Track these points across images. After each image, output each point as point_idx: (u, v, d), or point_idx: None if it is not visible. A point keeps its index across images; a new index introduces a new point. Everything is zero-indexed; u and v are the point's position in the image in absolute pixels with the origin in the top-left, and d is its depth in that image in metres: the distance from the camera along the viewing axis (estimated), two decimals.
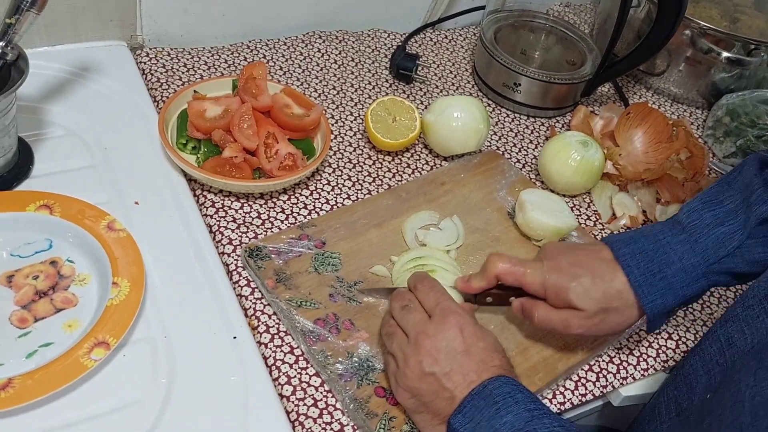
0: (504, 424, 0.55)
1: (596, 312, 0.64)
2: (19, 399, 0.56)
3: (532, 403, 0.56)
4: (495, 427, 0.55)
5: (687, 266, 0.64)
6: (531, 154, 0.97)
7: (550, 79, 0.98)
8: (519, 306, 0.68)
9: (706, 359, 0.63)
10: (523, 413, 0.55)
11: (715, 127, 1.06)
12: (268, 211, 0.79)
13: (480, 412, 0.56)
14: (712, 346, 0.62)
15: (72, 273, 0.67)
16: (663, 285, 0.64)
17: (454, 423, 0.57)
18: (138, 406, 0.60)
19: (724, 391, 0.56)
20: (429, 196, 0.83)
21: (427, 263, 0.73)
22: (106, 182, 0.76)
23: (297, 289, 0.70)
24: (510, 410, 0.55)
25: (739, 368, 0.57)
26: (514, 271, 0.66)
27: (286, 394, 0.64)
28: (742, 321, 0.60)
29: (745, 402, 0.51)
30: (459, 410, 0.57)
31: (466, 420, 0.56)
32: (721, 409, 0.54)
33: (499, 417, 0.55)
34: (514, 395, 0.56)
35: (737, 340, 0.60)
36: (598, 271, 0.65)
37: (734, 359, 0.59)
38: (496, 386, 0.57)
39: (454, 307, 0.62)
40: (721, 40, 1.04)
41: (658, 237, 0.66)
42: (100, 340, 0.61)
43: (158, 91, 0.89)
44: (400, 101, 0.89)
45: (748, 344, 0.58)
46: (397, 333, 0.62)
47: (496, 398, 0.56)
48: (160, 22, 0.94)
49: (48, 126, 0.80)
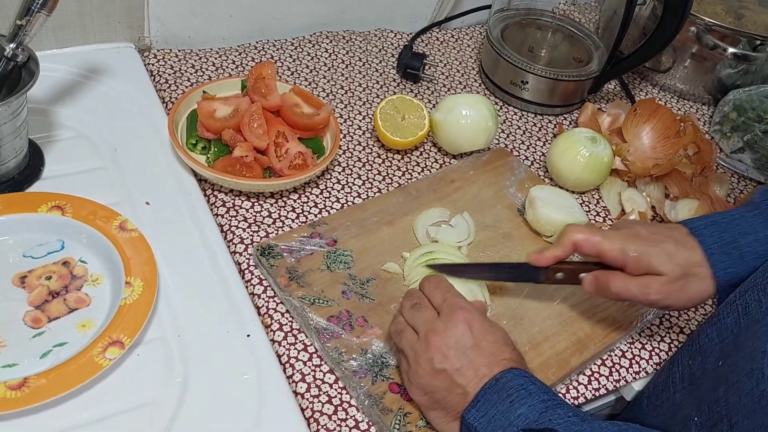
0: (519, 417, 0.55)
1: (678, 277, 0.64)
2: (34, 399, 0.56)
3: (545, 394, 0.56)
4: (510, 419, 0.55)
5: (761, 238, 0.65)
6: (539, 151, 0.97)
7: (557, 77, 0.99)
8: (592, 279, 0.67)
9: (722, 328, 0.62)
10: (537, 404, 0.55)
11: (722, 123, 1.06)
12: (278, 210, 0.79)
13: (494, 405, 0.56)
14: (728, 315, 0.62)
15: (85, 273, 0.67)
16: (736, 254, 0.64)
17: (468, 417, 0.57)
18: (152, 405, 0.60)
19: (737, 358, 0.56)
20: (439, 193, 0.83)
21: (438, 257, 0.74)
22: (116, 183, 0.76)
23: (309, 286, 0.70)
24: (524, 402, 0.55)
25: (752, 335, 0.57)
26: (592, 240, 0.66)
27: (300, 392, 0.64)
28: (760, 290, 0.60)
29: (764, 369, 0.51)
30: (473, 405, 0.57)
31: (480, 414, 0.56)
32: (737, 377, 0.54)
33: (513, 410, 0.55)
34: (527, 387, 0.56)
35: (753, 309, 0.59)
36: (679, 240, 0.65)
37: (748, 326, 0.59)
38: (508, 379, 0.57)
39: (462, 303, 0.62)
40: (726, 35, 1.04)
41: (733, 213, 0.67)
42: (115, 340, 0.61)
43: (167, 93, 0.89)
44: (409, 100, 0.89)
45: (763, 311, 0.58)
46: (406, 330, 0.62)
47: (509, 391, 0.56)
48: (168, 23, 0.94)
49: (58, 128, 0.80)
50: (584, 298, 0.76)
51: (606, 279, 0.66)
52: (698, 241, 0.65)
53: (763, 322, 0.57)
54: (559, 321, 0.73)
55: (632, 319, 0.75)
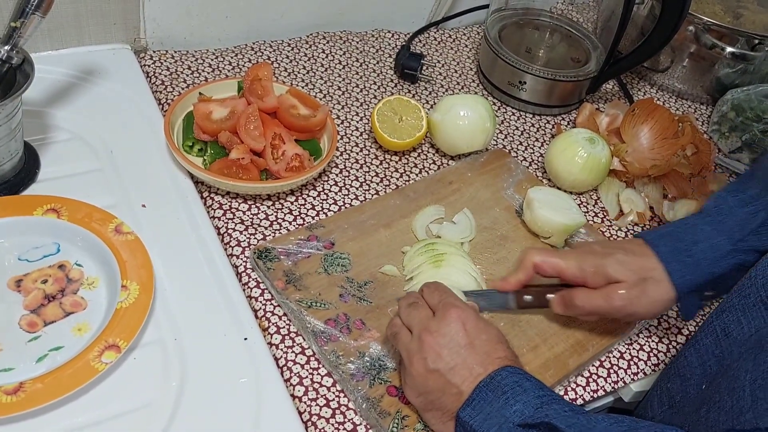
0: (514, 413, 0.55)
1: (636, 282, 0.66)
2: (30, 403, 0.56)
3: (540, 390, 0.56)
4: (505, 416, 0.55)
5: (714, 244, 0.67)
6: (537, 152, 0.96)
7: (555, 77, 0.98)
8: (559, 300, 0.70)
9: (702, 351, 0.63)
10: (532, 400, 0.55)
11: (721, 123, 1.06)
12: (275, 212, 0.79)
13: (489, 403, 0.56)
14: (707, 337, 0.63)
15: (80, 276, 0.67)
16: (691, 262, 0.66)
17: (463, 416, 0.56)
18: (149, 408, 0.59)
19: (721, 381, 0.56)
20: (437, 195, 0.83)
21: (438, 248, 0.74)
22: (112, 185, 0.76)
23: (307, 289, 0.70)
24: (519, 399, 0.55)
25: (737, 358, 0.57)
26: (550, 261, 0.69)
27: (298, 395, 0.64)
28: (738, 311, 0.60)
29: (745, 387, 0.52)
30: (467, 403, 0.57)
31: (475, 412, 0.56)
32: (719, 396, 0.55)
33: (508, 406, 0.55)
34: (522, 384, 0.56)
35: (733, 331, 0.60)
36: (629, 249, 0.68)
37: (731, 349, 0.59)
38: (503, 377, 0.57)
39: (457, 303, 0.62)
40: (724, 35, 1.04)
41: (686, 221, 0.70)
42: (111, 343, 0.60)
43: (163, 94, 0.89)
44: (407, 100, 0.89)
45: (746, 334, 0.58)
46: (401, 332, 0.62)
47: (504, 388, 0.56)
48: (164, 25, 0.94)
49: (53, 130, 0.79)
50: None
51: (570, 296, 0.69)
52: (654, 251, 0.67)
53: (746, 345, 0.57)
54: (556, 323, 0.73)
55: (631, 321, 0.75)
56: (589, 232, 0.83)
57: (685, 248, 0.67)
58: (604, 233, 0.87)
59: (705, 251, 0.67)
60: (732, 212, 0.68)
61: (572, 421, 0.53)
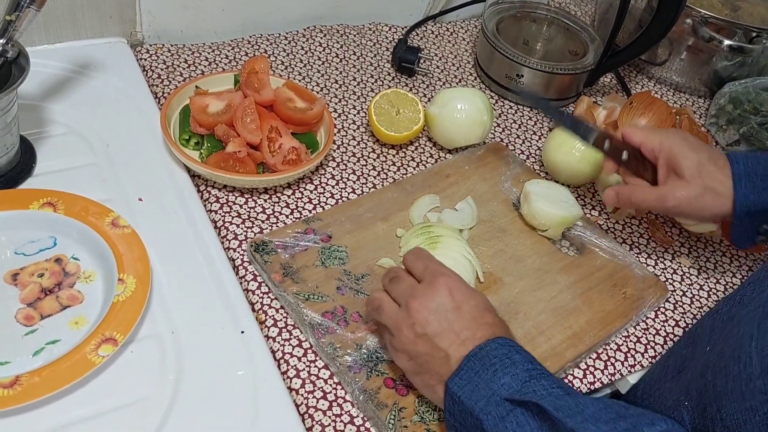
0: (502, 386, 0.54)
1: (696, 187, 0.70)
2: (27, 397, 0.56)
3: (529, 363, 0.56)
4: (493, 389, 0.55)
5: None
6: (535, 145, 0.96)
7: (553, 70, 0.98)
8: (613, 194, 0.75)
9: (716, 318, 0.63)
10: (520, 374, 0.55)
11: (718, 116, 1.06)
12: (272, 205, 0.79)
13: (477, 374, 0.56)
14: (725, 305, 0.63)
15: (77, 270, 0.67)
16: (761, 184, 0.69)
17: (451, 386, 0.56)
18: (146, 402, 0.59)
19: (725, 343, 0.57)
20: (434, 188, 0.83)
21: (434, 231, 0.75)
22: (109, 179, 0.75)
23: (304, 282, 0.70)
24: (507, 371, 0.55)
25: (739, 321, 0.57)
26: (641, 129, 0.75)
27: (295, 387, 0.64)
28: (758, 282, 0.60)
29: (752, 355, 0.52)
30: (456, 373, 0.56)
31: (463, 382, 0.56)
32: (724, 362, 0.55)
33: (496, 379, 0.55)
34: (512, 356, 0.56)
35: (747, 298, 0.60)
36: (715, 156, 0.72)
37: (737, 313, 0.60)
38: (492, 348, 0.57)
39: (443, 270, 0.62)
40: (722, 28, 1.03)
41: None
42: (108, 337, 0.60)
43: (159, 88, 0.89)
44: (404, 94, 0.88)
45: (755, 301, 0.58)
46: (384, 304, 0.62)
47: (492, 360, 0.56)
48: (160, 18, 0.93)
49: (49, 124, 0.79)
50: (580, 291, 0.75)
51: (627, 193, 0.74)
52: (730, 163, 0.71)
53: (749, 307, 0.57)
54: (554, 315, 0.73)
55: (627, 312, 0.75)
56: (587, 225, 0.83)
57: (762, 172, 0.69)
58: (601, 226, 0.87)
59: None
60: None
61: (560, 403, 0.52)
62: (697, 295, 0.82)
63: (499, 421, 0.53)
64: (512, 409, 0.53)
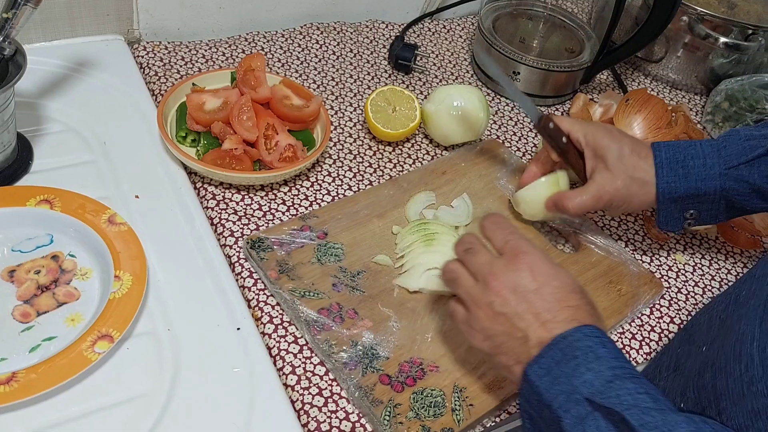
0: (584, 383, 0.51)
1: (623, 177, 0.73)
2: (23, 393, 0.56)
3: (616, 360, 0.52)
4: (574, 384, 0.51)
5: (707, 163, 0.72)
6: (531, 143, 0.97)
7: (549, 67, 0.98)
8: (550, 202, 0.76)
9: (712, 315, 0.63)
10: (604, 371, 0.51)
11: (714, 113, 1.06)
12: (269, 202, 0.79)
13: (558, 365, 0.52)
14: (720, 303, 0.63)
15: (74, 267, 0.67)
16: (682, 172, 0.72)
17: (530, 375, 0.53)
18: (143, 398, 0.59)
19: (724, 343, 0.56)
20: (430, 185, 0.83)
21: (430, 228, 0.75)
22: (105, 177, 0.76)
23: (300, 279, 0.70)
24: (590, 367, 0.51)
25: (738, 319, 0.56)
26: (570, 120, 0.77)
27: (290, 384, 0.64)
28: (755, 279, 0.60)
29: (754, 355, 0.51)
30: (535, 361, 0.54)
31: (543, 372, 0.53)
32: (724, 362, 0.54)
33: (578, 374, 0.51)
34: (596, 350, 0.52)
35: (743, 296, 0.59)
36: (637, 147, 0.74)
37: (734, 310, 0.59)
38: (576, 338, 0.53)
39: (525, 247, 0.59)
40: (718, 25, 1.04)
41: (693, 141, 0.74)
42: (104, 333, 0.60)
43: (156, 85, 0.89)
44: (400, 91, 0.89)
45: (750, 295, 0.58)
46: (461, 277, 0.60)
47: (575, 352, 0.52)
48: (157, 15, 0.93)
49: (47, 121, 0.79)
50: None
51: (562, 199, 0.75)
52: (653, 153, 0.73)
53: (748, 305, 0.57)
54: None
55: (623, 309, 0.75)
56: (582, 222, 0.83)
57: (682, 159, 0.72)
58: (596, 222, 0.87)
59: (697, 167, 0.71)
60: (735, 142, 0.72)
61: (647, 419, 0.48)
62: (692, 291, 0.82)
63: (578, 422, 0.50)
64: (592, 411, 0.50)
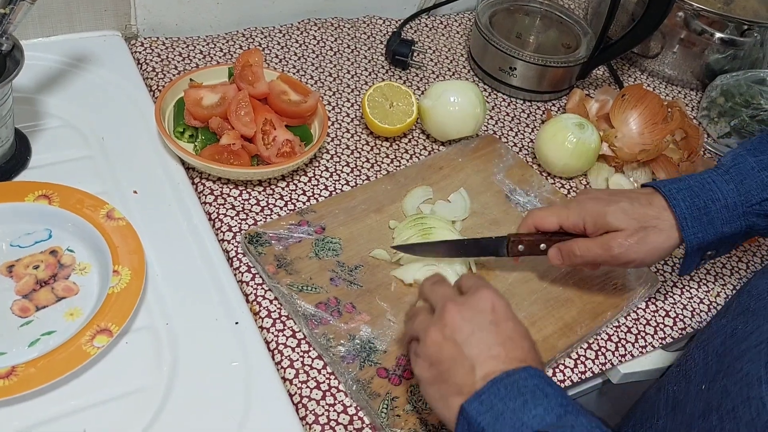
0: (533, 418, 0.49)
1: (636, 230, 0.66)
2: (23, 387, 0.56)
3: (564, 399, 0.51)
4: (522, 420, 0.49)
5: (730, 204, 0.66)
6: (527, 138, 0.97)
7: (546, 63, 0.99)
8: (556, 252, 0.69)
9: (708, 350, 0.62)
10: (555, 408, 0.50)
11: (710, 108, 1.06)
12: (267, 198, 0.79)
13: (501, 400, 0.50)
14: (717, 338, 0.61)
15: (72, 262, 0.67)
16: (706, 220, 0.66)
17: (469, 410, 0.51)
18: (141, 392, 0.60)
19: (727, 383, 0.55)
20: (427, 180, 0.84)
21: (427, 222, 0.75)
22: (103, 172, 0.76)
23: (298, 274, 0.70)
24: (539, 403, 0.50)
25: (738, 357, 0.55)
26: (550, 215, 0.69)
27: (288, 378, 0.65)
28: (749, 313, 0.59)
29: (765, 399, 0.50)
30: (476, 396, 0.51)
31: (484, 408, 0.50)
32: (731, 404, 0.52)
33: (527, 409, 0.50)
34: (544, 388, 0.51)
35: (739, 331, 0.58)
36: (634, 197, 0.68)
37: (732, 347, 0.58)
38: (522, 377, 0.51)
39: (492, 288, 0.58)
40: (714, 21, 1.04)
41: (704, 177, 0.68)
42: (103, 328, 0.61)
43: (154, 81, 0.89)
44: (397, 86, 0.89)
45: (748, 331, 0.57)
46: (420, 313, 0.59)
47: (522, 389, 0.51)
48: (155, 11, 0.93)
49: (44, 117, 0.80)
50: (571, 282, 0.76)
51: (568, 247, 0.68)
52: (671, 205, 0.66)
53: (747, 342, 0.56)
54: (546, 305, 0.74)
55: (618, 303, 0.76)
56: None
57: (703, 205, 0.66)
58: None
59: (720, 210, 0.66)
60: (751, 174, 0.67)
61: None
62: (687, 285, 0.83)
63: None
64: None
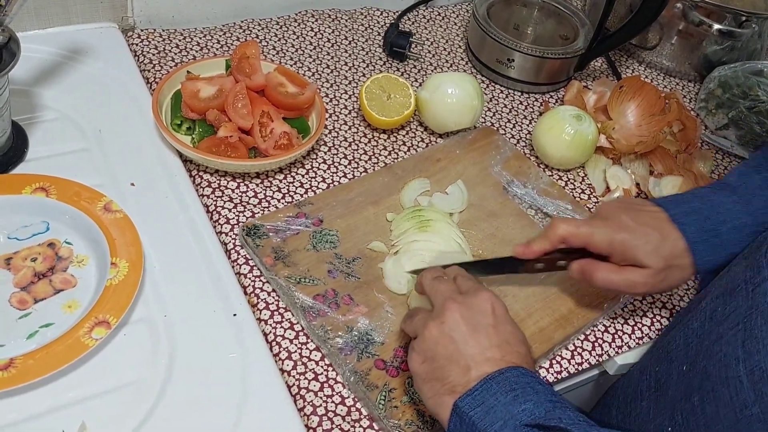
0: (523, 411, 0.51)
1: (661, 269, 0.64)
2: (21, 379, 0.56)
3: (553, 396, 0.53)
4: (512, 413, 0.51)
5: (739, 225, 0.65)
6: (525, 130, 0.97)
7: (544, 54, 0.98)
8: (579, 269, 0.67)
9: (688, 332, 0.62)
10: (544, 403, 0.51)
11: (708, 100, 1.06)
12: (264, 190, 0.79)
13: (493, 395, 0.52)
14: (695, 320, 0.62)
15: (70, 254, 0.67)
16: (717, 242, 0.65)
17: (462, 405, 0.52)
18: (139, 384, 0.60)
19: (707, 365, 0.55)
20: (425, 173, 0.84)
21: (425, 215, 0.75)
22: (101, 165, 0.76)
23: (296, 266, 0.70)
24: (529, 398, 0.51)
25: (717, 339, 0.56)
26: (579, 233, 0.66)
27: (286, 369, 0.65)
28: (727, 293, 0.60)
29: (742, 378, 0.50)
30: (469, 393, 0.52)
31: (476, 403, 0.52)
32: (711, 385, 0.53)
33: (517, 404, 0.51)
34: (534, 386, 0.52)
35: (718, 313, 0.59)
36: (664, 231, 0.65)
37: (711, 329, 0.59)
38: (514, 375, 0.53)
39: (491, 291, 0.59)
40: (712, 12, 1.04)
41: (711, 197, 0.67)
42: (101, 320, 0.61)
43: (151, 73, 0.89)
44: (395, 78, 0.89)
45: (726, 313, 0.57)
46: (419, 312, 0.60)
47: (513, 385, 0.52)
48: (151, 3, 0.93)
49: (41, 109, 0.79)
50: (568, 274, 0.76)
51: (591, 270, 0.66)
52: (680, 230, 0.65)
53: (725, 324, 0.56)
54: (542, 297, 0.74)
55: (615, 294, 0.76)
56: (576, 209, 0.84)
57: (713, 228, 0.65)
58: (590, 210, 0.87)
59: (731, 232, 0.65)
60: (759, 192, 0.66)
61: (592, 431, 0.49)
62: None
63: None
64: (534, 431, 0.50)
